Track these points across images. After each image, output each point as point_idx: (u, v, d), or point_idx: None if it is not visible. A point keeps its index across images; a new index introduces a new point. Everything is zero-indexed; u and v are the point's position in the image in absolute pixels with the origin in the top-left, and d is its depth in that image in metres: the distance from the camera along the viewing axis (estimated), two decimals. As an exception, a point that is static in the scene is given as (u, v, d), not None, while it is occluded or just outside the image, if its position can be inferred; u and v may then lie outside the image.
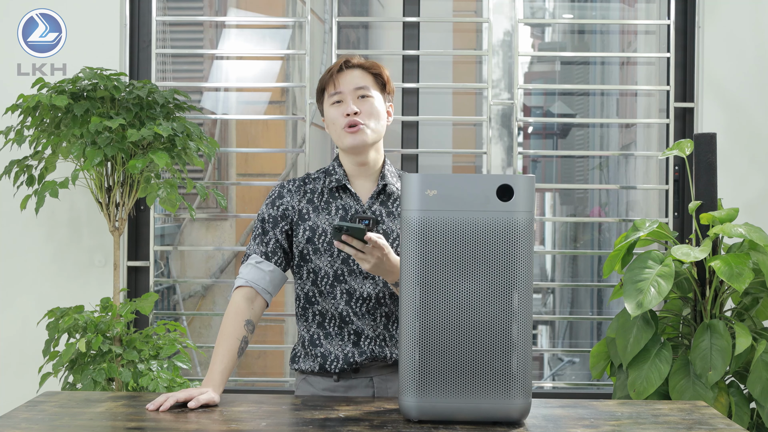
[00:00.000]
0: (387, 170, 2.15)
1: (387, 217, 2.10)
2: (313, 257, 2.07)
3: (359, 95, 2.09)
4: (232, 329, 2.01)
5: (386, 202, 2.11)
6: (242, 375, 4.02)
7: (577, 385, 3.82)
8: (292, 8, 4.06)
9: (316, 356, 2.08)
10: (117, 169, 3.18)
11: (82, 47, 3.53)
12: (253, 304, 2.05)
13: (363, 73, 2.11)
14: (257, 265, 2.07)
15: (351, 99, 2.08)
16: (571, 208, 4.35)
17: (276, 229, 2.10)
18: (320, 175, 2.16)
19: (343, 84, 2.09)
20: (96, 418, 1.75)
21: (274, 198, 2.13)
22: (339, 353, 2.06)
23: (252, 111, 4.10)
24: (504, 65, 3.86)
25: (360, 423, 1.71)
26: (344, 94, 2.09)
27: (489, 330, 1.64)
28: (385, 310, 2.07)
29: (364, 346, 2.06)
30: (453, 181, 1.66)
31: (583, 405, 1.88)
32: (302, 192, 2.12)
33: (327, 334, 2.08)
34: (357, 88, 2.09)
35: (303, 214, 2.10)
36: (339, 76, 2.10)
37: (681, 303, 3.04)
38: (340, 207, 2.09)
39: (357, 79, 2.10)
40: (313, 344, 2.09)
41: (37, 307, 3.46)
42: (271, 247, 2.09)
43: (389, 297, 2.07)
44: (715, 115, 3.53)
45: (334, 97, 2.10)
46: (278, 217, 2.10)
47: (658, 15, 3.79)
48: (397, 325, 2.08)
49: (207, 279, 3.93)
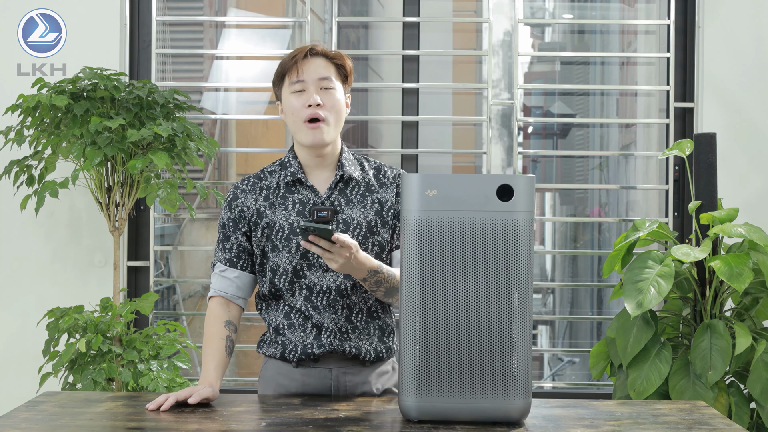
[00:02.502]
0: (344, 158, 2.09)
1: (346, 205, 2.06)
2: (272, 254, 2.05)
3: (322, 86, 2.04)
4: (214, 331, 2.04)
5: (344, 190, 2.07)
6: (242, 375, 4.02)
7: (577, 385, 3.82)
8: (292, 8, 4.06)
9: (278, 343, 2.08)
10: (117, 169, 3.18)
11: (82, 47, 3.53)
12: (228, 309, 2.08)
13: (327, 63, 2.06)
14: (222, 274, 2.08)
15: (314, 89, 2.03)
16: (571, 208, 4.35)
17: (237, 233, 2.07)
18: (276, 168, 2.11)
19: (307, 72, 2.03)
20: (96, 418, 1.75)
21: (229, 200, 2.10)
22: (299, 343, 2.05)
23: (252, 111, 4.10)
24: (504, 65, 3.86)
25: (360, 423, 1.71)
26: (307, 83, 2.03)
27: (489, 330, 1.64)
28: (347, 302, 2.05)
29: (324, 339, 2.04)
30: (453, 181, 1.65)
31: (583, 405, 1.88)
32: (257, 190, 2.08)
33: (291, 324, 2.07)
34: (321, 78, 2.04)
35: (260, 213, 2.06)
36: (303, 64, 2.04)
37: (681, 303, 3.04)
38: (297, 201, 2.05)
39: (321, 69, 2.04)
40: (277, 332, 2.09)
41: (37, 307, 3.46)
42: (235, 252, 2.08)
43: (351, 288, 2.04)
44: (715, 115, 3.53)
45: (296, 86, 2.04)
46: (236, 220, 2.07)
47: (658, 15, 3.79)
48: (362, 317, 2.07)
49: (207, 279, 3.93)
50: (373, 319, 2.08)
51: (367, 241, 2.04)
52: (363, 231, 2.05)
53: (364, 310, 2.07)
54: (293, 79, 2.05)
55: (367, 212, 2.06)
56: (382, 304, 2.10)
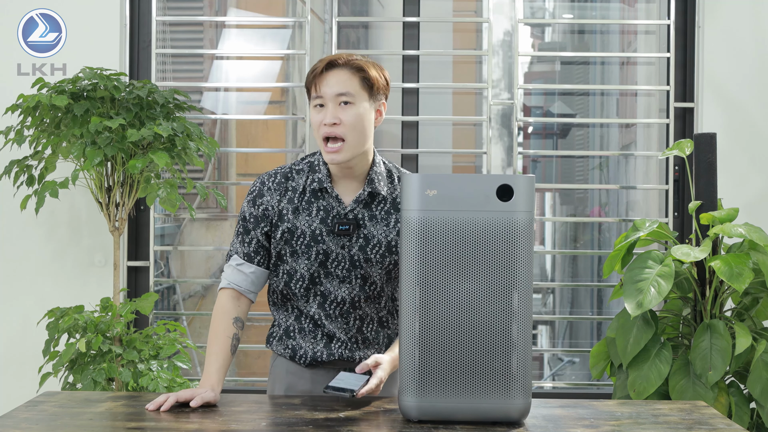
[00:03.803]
0: (375, 172, 2.04)
1: (369, 221, 2.03)
2: (290, 259, 2.04)
3: (341, 101, 1.97)
4: (222, 328, 2.02)
5: (370, 204, 2.04)
6: (242, 375, 4.02)
7: (577, 385, 3.82)
8: (292, 8, 4.06)
9: (287, 346, 2.09)
10: (117, 169, 3.18)
11: (82, 47, 3.53)
12: (238, 302, 2.06)
13: (349, 75, 1.98)
14: (238, 267, 2.06)
15: (332, 106, 1.97)
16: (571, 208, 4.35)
17: (257, 230, 2.05)
18: (304, 167, 2.07)
19: (325, 88, 1.97)
20: (96, 418, 1.75)
21: (254, 196, 2.07)
22: (309, 349, 2.06)
23: (252, 111, 4.10)
24: (504, 65, 3.86)
25: (360, 423, 1.71)
26: (325, 99, 1.98)
27: (489, 330, 1.64)
28: (359, 313, 2.06)
29: (335, 348, 2.05)
30: (453, 181, 1.65)
31: (583, 405, 1.87)
32: (283, 190, 2.05)
33: (301, 329, 2.07)
34: (339, 94, 1.97)
35: (282, 215, 2.03)
36: (321, 79, 1.98)
37: (681, 303, 3.04)
38: (321, 208, 2.02)
39: (340, 84, 1.97)
40: (287, 335, 2.09)
41: (37, 307, 3.46)
42: (254, 247, 2.06)
43: (364, 300, 2.05)
44: (715, 115, 3.53)
45: (316, 101, 2.00)
46: (259, 217, 2.05)
47: (658, 15, 3.79)
48: (373, 327, 2.08)
49: (207, 279, 3.93)
50: (383, 329, 2.09)
51: (384, 260, 2.03)
52: (382, 250, 2.03)
53: (375, 320, 2.08)
54: (313, 94, 2.00)
55: (390, 231, 2.03)
56: (392, 314, 2.11)
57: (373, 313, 2.07)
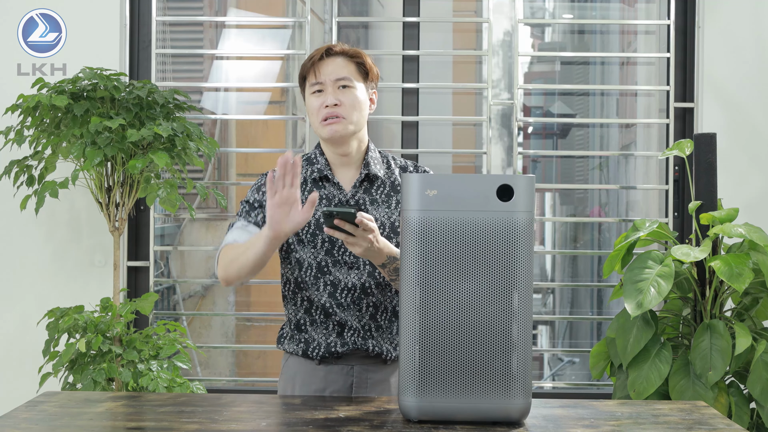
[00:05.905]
0: (370, 157, 2.13)
1: (371, 204, 2.09)
2: (297, 248, 2.07)
3: (340, 85, 2.06)
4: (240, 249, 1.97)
5: (369, 189, 2.11)
6: (242, 375, 4.02)
7: (577, 385, 3.82)
8: (292, 8, 4.06)
9: (300, 341, 2.10)
10: (117, 169, 3.18)
11: (82, 47, 3.53)
12: None
13: (345, 62, 2.08)
14: (243, 228, 2.05)
15: (331, 89, 2.06)
16: (571, 208, 4.35)
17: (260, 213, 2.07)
18: (302, 163, 2.14)
19: (324, 74, 2.06)
20: (96, 418, 1.75)
21: (260, 185, 2.12)
22: (322, 341, 2.07)
23: (252, 111, 4.10)
24: (504, 65, 3.86)
25: (360, 423, 1.71)
26: (325, 84, 2.07)
27: (489, 330, 1.64)
28: (372, 300, 2.07)
29: (347, 337, 2.07)
30: (453, 181, 1.65)
31: (583, 405, 1.87)
32: None
33: (313, 321, 2.09)
34: (338, 78, 2.06)
35: None
36: (320, 65, 2.07)
37: (681, 303, 3.04)
38: (323, 197, 2.08)
39: (338, 69, 2.07)
40: (299, 329, 2.10)
41: (37, 307, 3.46)
42: (260, 219, 2.07)
43: (376, 287, 2.07)
44: (715, 115, 3.53)
45: (315, 87, 2.08)
46: (264, 202, 2.07)
47: (658, 15, 3.79)
48: (387, 316, 2.09)
49: (207, 279, 3.93)
50: (396, 319, 2.10)
51: (391, 241, 2.06)
52: (387, 231, 2.07)
53: (389, 309, 2.10)
54: (312, 81, 2.08)
55: (392, 212, 2.09)
56: None
57: (386, 301, 2.09)
